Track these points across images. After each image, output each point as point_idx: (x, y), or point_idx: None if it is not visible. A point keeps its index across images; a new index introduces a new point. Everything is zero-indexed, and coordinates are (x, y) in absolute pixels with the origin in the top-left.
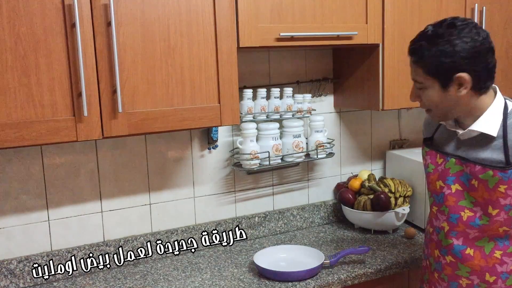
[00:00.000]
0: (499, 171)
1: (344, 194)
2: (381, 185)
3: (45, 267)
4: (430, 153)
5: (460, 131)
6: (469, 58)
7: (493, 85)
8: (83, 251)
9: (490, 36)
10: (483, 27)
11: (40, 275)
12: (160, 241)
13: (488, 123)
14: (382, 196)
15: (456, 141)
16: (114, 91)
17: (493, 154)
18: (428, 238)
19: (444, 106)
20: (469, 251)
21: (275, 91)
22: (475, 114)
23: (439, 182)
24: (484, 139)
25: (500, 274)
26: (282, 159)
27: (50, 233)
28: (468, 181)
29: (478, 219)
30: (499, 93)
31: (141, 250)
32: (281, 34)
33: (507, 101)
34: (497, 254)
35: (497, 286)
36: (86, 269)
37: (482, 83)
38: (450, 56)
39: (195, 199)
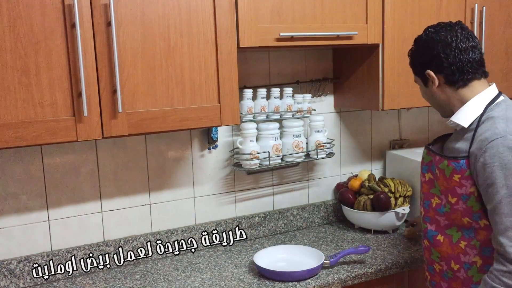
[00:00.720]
0: (452, 160)
1: (344, 194)
2: (381, 185)
3: (45, 267)
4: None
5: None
6: (431, 57)
7: (493, 83)
8: (83, 251)
9: (467, 37)
10: (483, 27)
11: (40, 275)
12: (160, 241)
13: (463, 115)
14: (382, 196)
15: (450, 137)
16: (114, 91)
17: (462, 144)
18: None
19: (433, 101)
20: (440, 237)
21: (275, 91)
22: (459, 107)
23: (420, 172)
24: (462, 131)
25: (463, 263)
26: (282, 159)
27: (50, 233)
28: (435, 169)
29: (443, 206)
30: (491, 89)
31: (141, 250)
32: (281, 34)
33: (502, 97)
34: (462, 244)
35: (460, 275)
36: (86, 269)
37: (455, 78)
38: (419, 57)
39: (195, 199)
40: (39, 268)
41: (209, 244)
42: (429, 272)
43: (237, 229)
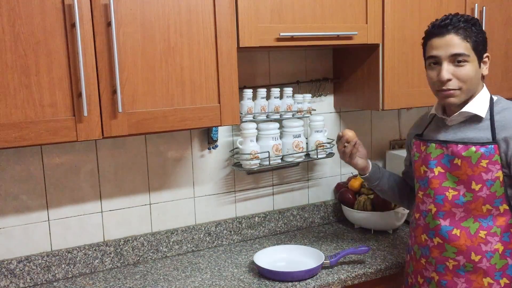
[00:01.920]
0: (481, 146)
1: (344, 194)
2: None
3: (45, 267)
4: (416, 143)
5: (448, 118)
6: (486, 43)
7: None
8: (83, 251)
9: None
10: (483, 27)
11: (40, 275)
12: (160, 241)
13: (478, 106)
14: None
15: (444, 129)
16: (114, 91)
17: (480, 133)
18: (414, 225)
19: (475, 82)
20: (456, 231)
21: (275, 91)
22: (473, 95)
23: (422, 167)
24: (471, 122)
25: (485, 253)
26: (282, 159)
27: (50, 233)
28: (450, 161)
29: (462, 196)
30: (485, 85)
31: (141, 250)
32: (281, 34)
33: (502, 101)
34: (482, 234)
35: (482, 265)
36: (86, 269)
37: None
38: (483, 39)
39: (195, 199)
40: (39, 268)
41: (209, 244)
42: (438, 272)
43: (237, 229)
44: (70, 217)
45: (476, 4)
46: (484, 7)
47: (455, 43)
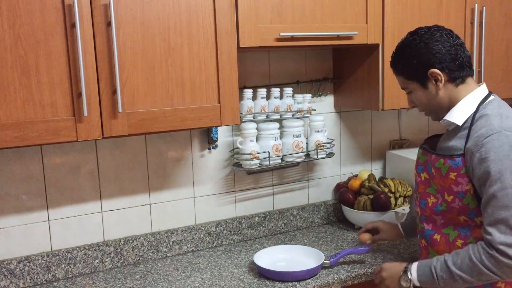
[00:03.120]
0: (448, 158)
1: (344, 194)
2: (381, 185)
3: (45, 267)
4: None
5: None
6: (433, 56)
7: (483, 83)
8: (83, 251)
9: (455, 36)
10: (483, 27)
11: (40, 275)
12: (160, 241)
13: (457, 113)
14: (382, 196)
15: (445, 136)
16: (114, 91)
17: (456, 142)
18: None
19: (432, 103)
20: (437, 236)
21: (275, 91)
22: (454, 105)
23: (414, 171)
24: (455, 130)
25: None
26: (282, 159)
27: (50, 233)
28: (431, 169)
29: (439, 205)
30: (482, 88)
31: (141, 250)
32: (281, 34)
33: (492, 97)
34: (459, 242)
35: None
36: (86, 269)
37: (455, 74)
38: (417, 57)
39: (195, 199)
40: (39, 268)
41: (209, 244)
42: None
43: (237, 229)
44: (70, 217)
45: (476, 4)
46: (484, 7)
47: (397, 78)
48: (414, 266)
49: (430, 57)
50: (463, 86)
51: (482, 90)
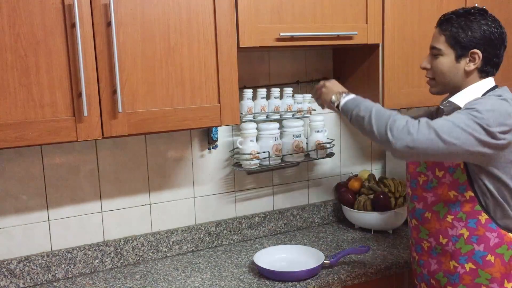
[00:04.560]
0: None
1: (344, 194)
2: (381, 185)
3: (45, 267)
4: None
5: (441, 107)
6: (487, 41)
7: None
8: (83, 251)
9: (507, 36)
10: None
11: (40, 275)
12: (160, 241)
13: (463, 98)
14: (382, 196)
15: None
16: (114, 91)
17: None
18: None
19: (449, 76)
20: (427, 214)
21: (275, 91)
22: (462, 89)
23: None
24: (453, 111)
25: (451, 237)
26: (282, 159)
27: (50, 233)
28: None
29: (430, 182)
30: (491, 82)
31: (141, 250)
32: (281, 34)
33: (499, 90)
34: (449, 218)
35: (448, 248)
36: (86, 269)
37: (488, 68)
38: (473, 32)
39: (195, 199)
40: (39, 268)
41: (209, 244)
42: (417, 252)
43: (237, 229)
44: (70, 217)
45: (476, 4)
46: (484, 7)
47: (435, 36)
48: (354, 95)
49: (483, 40)
50: (481, 81)
51: (490, 81)
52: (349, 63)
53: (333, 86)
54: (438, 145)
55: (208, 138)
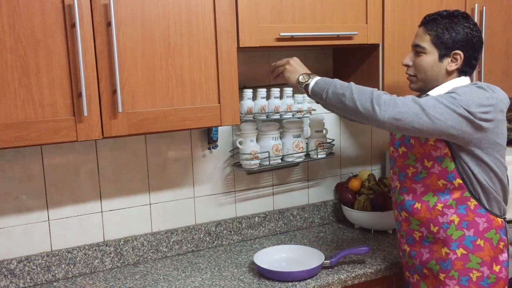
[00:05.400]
0: None
1: (344, 194)
2: (381, 185)
3: (45, 267)
4: None
5: None
6: (469, 43)
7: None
8: (83, 251)
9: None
10: (483, 27)
11: (40, 275)
12: (160, 241)
13: (441, 91)
14: (382, 196)
15: None
16: (114, 91)
17: None
18: (392, 204)
19: (431, 74)
20: (417, 205)
21: (275, 91)
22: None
23: (391, 148)
24: None
25: (442, 224)
26: (282, 159)
27: (50, 233)
28: (409, 141)
29: (419, 173)
30: (468, 80)
31: (141, 250)
32: (281, 34)
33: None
34: (439, 206)
35: (439, 235)
36: (86, 269)
37: (467, 68)
38: (457, 34)
39: (195, 199)
40: (39, 268)
41: (209, 244)
42: (408, 243)
43: (237, 229)
44: (70, 217)
45: (476, 4)
46: (484, 7)
47: (418, 34)
48: (319, 77)
49: (466, 42)
50: (459, 79)
51: (467, 79)
52: (349, 63)
53: (297, 65)
54: (424, 119)
55: (208, 138)
